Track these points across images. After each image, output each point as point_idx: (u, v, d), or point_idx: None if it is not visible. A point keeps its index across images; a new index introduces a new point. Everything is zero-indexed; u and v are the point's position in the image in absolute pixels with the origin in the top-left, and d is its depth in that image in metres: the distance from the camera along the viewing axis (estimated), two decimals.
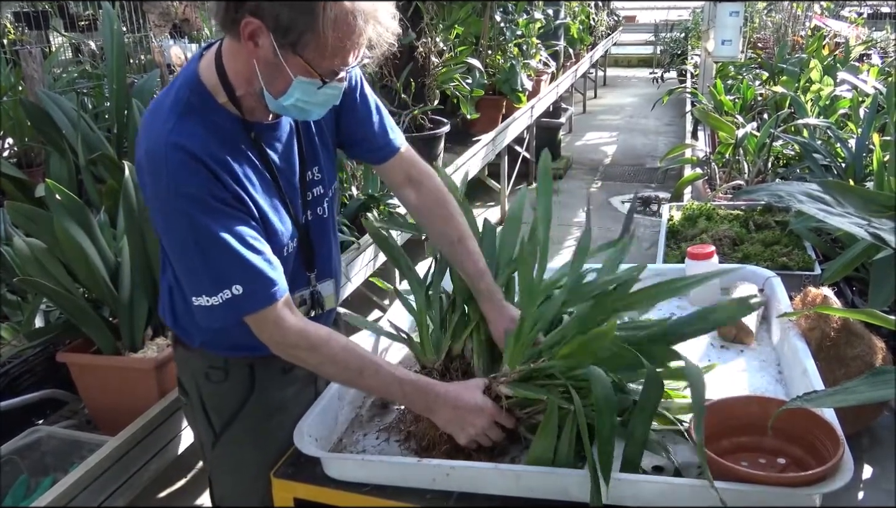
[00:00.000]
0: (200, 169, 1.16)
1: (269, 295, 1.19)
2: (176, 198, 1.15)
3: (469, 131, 4.53)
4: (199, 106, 1.21)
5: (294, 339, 1.22)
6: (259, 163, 1.27)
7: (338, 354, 1.23)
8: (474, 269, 1.43)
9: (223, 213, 1.17)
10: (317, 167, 1.39)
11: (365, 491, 1.22)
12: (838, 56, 4.35)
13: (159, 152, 1.16)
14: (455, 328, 1.47)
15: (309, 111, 1.23)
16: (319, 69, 1.15)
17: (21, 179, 2.50)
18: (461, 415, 1.22)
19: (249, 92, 1.22)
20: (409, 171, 1.47)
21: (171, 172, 1.15)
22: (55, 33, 4.73)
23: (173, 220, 1.17)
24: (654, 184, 6.18)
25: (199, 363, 1.40)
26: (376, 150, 1.45)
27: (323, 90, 1.18)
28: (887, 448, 1.34)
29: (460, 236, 1.45)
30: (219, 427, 1.42)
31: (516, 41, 5.06)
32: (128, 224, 1.83)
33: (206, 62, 1.24)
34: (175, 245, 1.21)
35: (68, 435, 1.75)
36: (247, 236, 1.19)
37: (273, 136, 1.30)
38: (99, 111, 3.09)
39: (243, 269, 1.17)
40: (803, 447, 1.14)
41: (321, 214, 1.42)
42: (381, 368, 1.24)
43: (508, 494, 1.17)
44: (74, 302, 1.78)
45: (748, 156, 2.99)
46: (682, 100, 6.54)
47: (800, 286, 1.61)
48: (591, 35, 8.46)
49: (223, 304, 1.18)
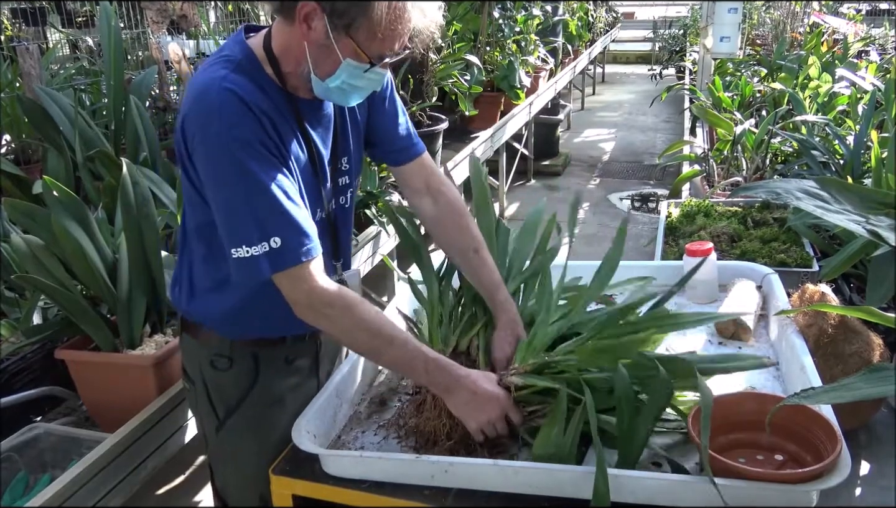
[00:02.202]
0: (252, 116, 1.18)
1: (307, 250, 1.20)
2: (228, 141, 1.16)
3: (467, 128, 4.52)
4: (248, 68, 1.24)
5: (330, 297, 1.21)
6: (301, 138, 1.29)
7: (373, 318, 1.23)
8: (490, 280, 1.44)
9: (270, 162, 1.19)
10: (346, 158, 1.41)
11: (363, 488, 1.22)
12: (837, 53, 4.36)
13: (212, 97, 1.17)
14: (464, 324, 1.47)
15: (350, 95, 1.26)
16: (369, 52, 1.19)
17: (18, 175, 2.49)
18: (478, 401, 1.23)
19: (295, 73, 1.25)
20: (429, 179, 1.48)
21: (224, 115, 1.16)
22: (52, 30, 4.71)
23: (223, 164, 1.17)
24: (653, 181, 6.19)
25: (205, 351, 1.41)
26: (399, 151, 1.46)
27: (368, 74, 1.22)
28: (885, 445, 1.35)
29: (477, 246, 1.45)
30: (222, 415, 1.43)
31: (515, 38, 5.06)
32: (126, 221, 1.83)
33: (255, 39, 1.28)
34: (220, 192, 1.20)
35: (66, 432, 1.74)
36: (289, 190, 1.20)
37: (316, 116, 1.33)
38: (96, 108, 3.09)
39: (285, 221, 1.18)
40: (800, 443, 1.14)
41: (344, 203, 1.44)
42: (409, 341, 1.25)
43: (507, 491, 1.17)
44: (72, 299, 1.78)
45: (746, 153, 2.99)
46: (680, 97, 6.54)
47: (798, 283, 1.61)
48: (589, 32, 8.46)
49: (262, 255, 1.17)
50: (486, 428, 1.24)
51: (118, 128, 2.78)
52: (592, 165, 6.81)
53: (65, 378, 1.89)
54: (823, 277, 1.74)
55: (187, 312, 1.42)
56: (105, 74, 2.87)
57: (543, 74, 5.78)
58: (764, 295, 1.69)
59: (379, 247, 2.97)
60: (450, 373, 1.25)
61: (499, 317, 1.42)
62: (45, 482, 1.64)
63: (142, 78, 2.97)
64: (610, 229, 5.11)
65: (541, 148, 6.51)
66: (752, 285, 1.70)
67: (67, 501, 1.49)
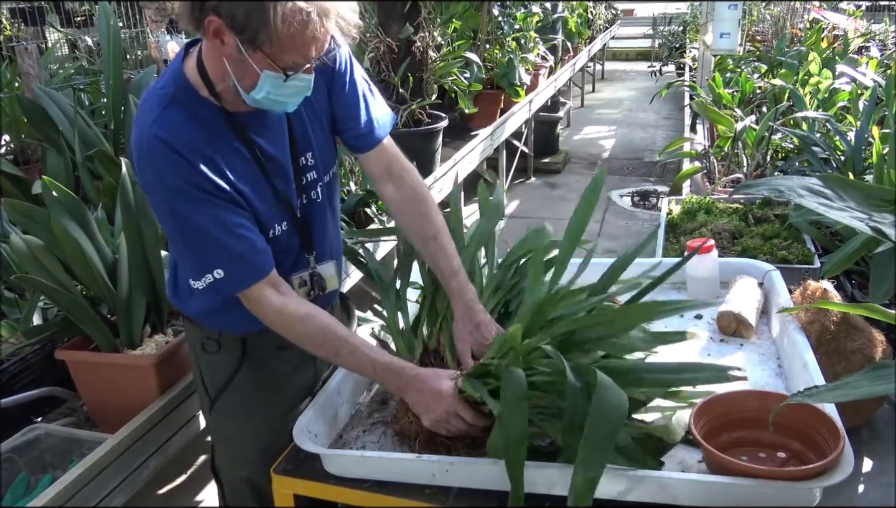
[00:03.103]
0: (180, 160, 1.21)
1: (248, 276, 1.27)
2: (160, 190, 1.22)
3: (467, 126, 4.52)
4: (182, 99, 1.26)
5: (272, 317, 1.29)
6: (245, 151, 1.31)
7: (314, 334, 1.29)
8: (447, 266, 1.43)
9: (202, 201, 1.23)
10: (310, 153, 1.41)
11: (365, 487, 1.22)
12: (837, 49, 4.34)
13: (144, 144, 1.22)
14: (427, 322, 1.48)
15: (283, 102, 1.26)
16: (281, 63, 1.18)
17: (18, 176, 2.49)
18: (424, 399, 1.25)
19: (226, 87, 1.26)
20: (391, 165, 1.47)
21: (153, 163, 1.22)
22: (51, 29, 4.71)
23: (161, 209, 1.26)
24: (653, 178, 6.18)
25: (198, 335, 1.48)
26: (358, 137, 1.45)
27: (290, 82, 1.22)
28: (887, 442, 1.34)
29: (435, 232, 1.44)
30: (213, 396, 1.49)
31: (514, 35, 5.05)
32: (125, 221, 1.83)
33: (190, 60, 1.29)
34: (165, 229, 1.30)
35: (67, 433, 1.74)
36: (227, 222, 1.25)
37: (260, 124, 1.33)
38: (96, 108, 3.08)
39: (223, 253, 1.25)
40: (803, 440, 1.14)
41: (315, 198, 1.44)
42: (357, 349, 1.29)
43: (507, 489, 1.16)
44: (72, 299, 1.77)
45: (747, 149, 2.99)
46: (680, 93, 6.53)
47: (799, 280, 1.60)
48: (589, 29, 8.44)
49: (207, 288, 1.26)
50: (442, 424, 1.24)
51: (117, 127, 2.77)
52: (593, 163, 6.80)
53: (65, 379, 1.89)
54: (825, 273, 1.73)
55: (176, 303, 1.50)
56: (104, 74, 2.87)
57: (543, 71, 5.77)
58: (765, 292, 1.68)
59: (379, 245, 2.97)
60: (399, 375, 1.27)
61: (455, 306, 1.42)
62: (45, 482, 1.63)
63: (141, 77, 2.96)
64: (611, 226, 5.11)
65: (541, 145, 6.50)
66: (754, 282, 1.70)
67: (69, 502, 1.49)
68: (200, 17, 1.16)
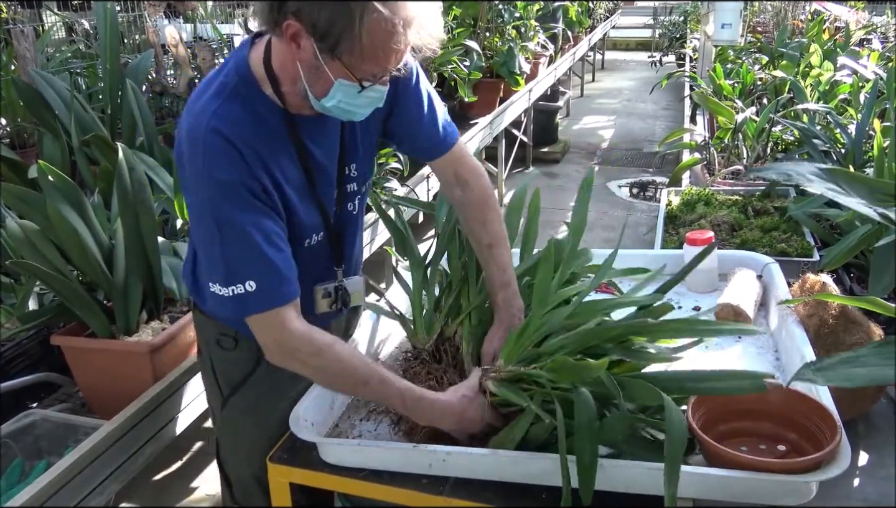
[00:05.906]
0: (236, 157, 1.16)
1: (281, 295, 1.18)
2: (210, 183, 1.16)
3: (466, 114, 4.50)
4: (244, 93, 1.21)
5: (298, 342, 1.20)
6: (296, 155, 1.27)
7: (344, 360, 1.21)
8: (498, 279, 1.42)
9: (251, 205, 1.17)
10: (354, 164, 1.39)
11: (361, 476, 1.21)
12: (838, 41, 4.33)
13: (199, 134, 1.16)
14: (449, 310, 1.47)
15: (353, 112, 1.22)
16: (358, 73, 1.14)
17: (14, 160, 2.47)
18: (464, 426, 1.24)
19: (293, 91, 1.21)
20: (458, 169, 1.45)
21: (207, 155, 1.15)
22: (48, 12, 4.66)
23: (203, 203, 1.18)
24: (652, 168, 6.17)
25: (212, 330, 1.44)
26: (427, 147, 1.44)
27: (365, 93, 1.17)
28: (884, 435, 1.34)
29: (490, 242, 1.43)
30: (226, 393, 1.46)
31: (514, 24, 5.02)
32: (122, 206, 1.81)
33: (257, 52, 1.24)
34: (200, 228, 1.21)
35: (62, 419, 1.74)
36: (270, 233, 1.19)
37: (317, 130, 1.30)
38: (92, 92, 3.06)
39: (261, 265, 1.17)
40: (801, 432, 1.14)
41: (351, 210, 1.42)
42: (384, 380, 1.21)
43: (504, 480, 1.16)
44: (68, 285, 1.77)
45: (747, 141, 2.98)
46: (680, 84, 6.51)
47: (798, 273, 1.60)
48: (589, 18, 8.41)
49: (234, 298, 1.17)
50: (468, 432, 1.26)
51: (114, 112, 2.75)
52: (591, 153, 6.78)
53: (61, 365, 1.88)
54: (824, 266, 1.73)
55: (194, 294, 1.45)
56: (101, 58, 2.84)
57: (543, 60, 5.74)
58: (764, 285, 1.68)
59: (377, 234, 2.97)
60: (431, 407, 1.22)
61: (498, 314, 1.41)
62: (41, 468, 1.63)
63: (138, 62, 2.94)
64: (608, 217, 5.10)
65: (540, 135, 6.48)
66: (753, 275, 1.69)
67: (64, 487, 1.49)
68: (279, 18, 1.10)
